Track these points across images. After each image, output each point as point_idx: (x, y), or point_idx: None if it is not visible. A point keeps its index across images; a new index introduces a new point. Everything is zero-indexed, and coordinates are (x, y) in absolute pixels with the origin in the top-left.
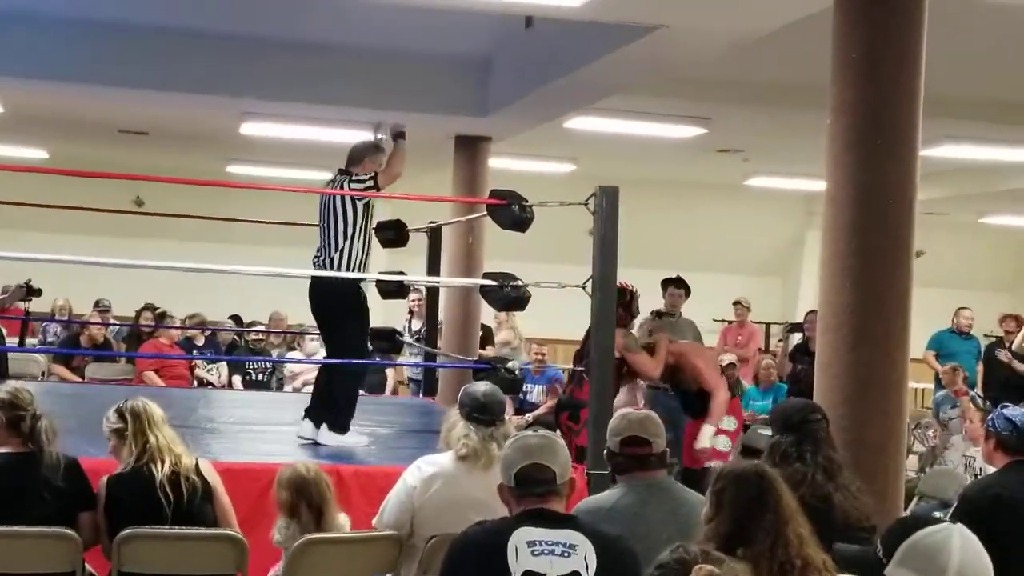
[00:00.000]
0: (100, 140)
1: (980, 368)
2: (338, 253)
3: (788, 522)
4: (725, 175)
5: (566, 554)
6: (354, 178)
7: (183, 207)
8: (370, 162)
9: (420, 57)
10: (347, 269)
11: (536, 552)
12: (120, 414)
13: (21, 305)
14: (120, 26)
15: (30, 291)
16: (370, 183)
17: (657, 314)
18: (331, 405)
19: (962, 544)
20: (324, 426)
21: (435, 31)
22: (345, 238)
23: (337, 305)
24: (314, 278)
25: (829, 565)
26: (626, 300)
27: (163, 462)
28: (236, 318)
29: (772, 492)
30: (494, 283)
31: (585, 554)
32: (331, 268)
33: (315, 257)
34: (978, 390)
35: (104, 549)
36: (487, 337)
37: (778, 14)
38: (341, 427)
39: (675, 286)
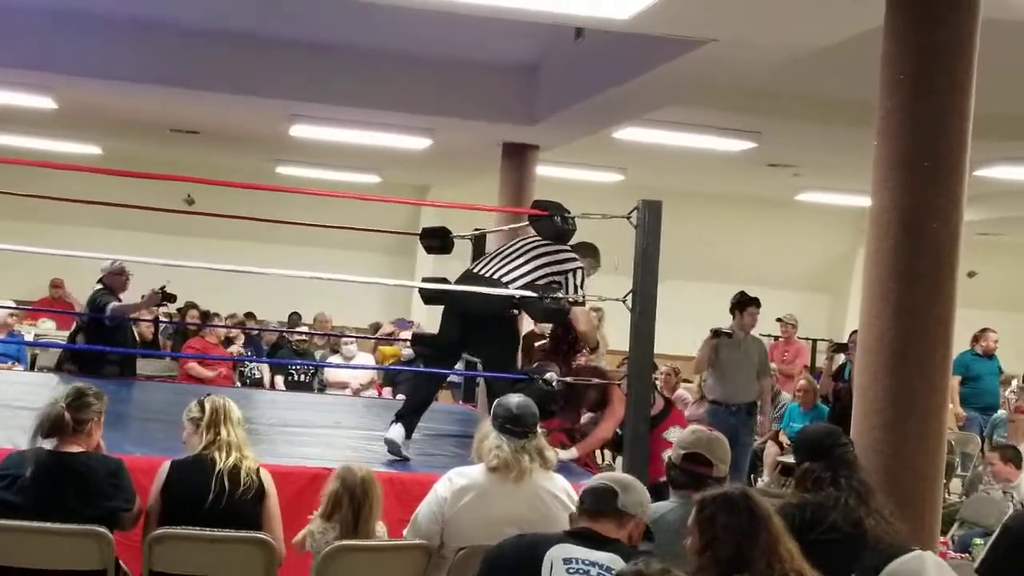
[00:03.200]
0: (152, 138)
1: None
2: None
3: (780, 539)
4: (775, 189)
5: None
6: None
7: (233, 206)
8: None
9: (469, 64)
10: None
11: (571, 570)
12: (201, 405)
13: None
14: (173, 27)
15: (165, 296)
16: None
17: (716, 333)
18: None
19: (937, 569)
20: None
21: (485, 39)
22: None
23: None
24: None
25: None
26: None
27: (227, 454)
28: (295, 315)
29: (761, 511)
30: (534, 295)
31: None
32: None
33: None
34: None
35: (145, 532)
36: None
37: (829, 31)
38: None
39: (756, 307)
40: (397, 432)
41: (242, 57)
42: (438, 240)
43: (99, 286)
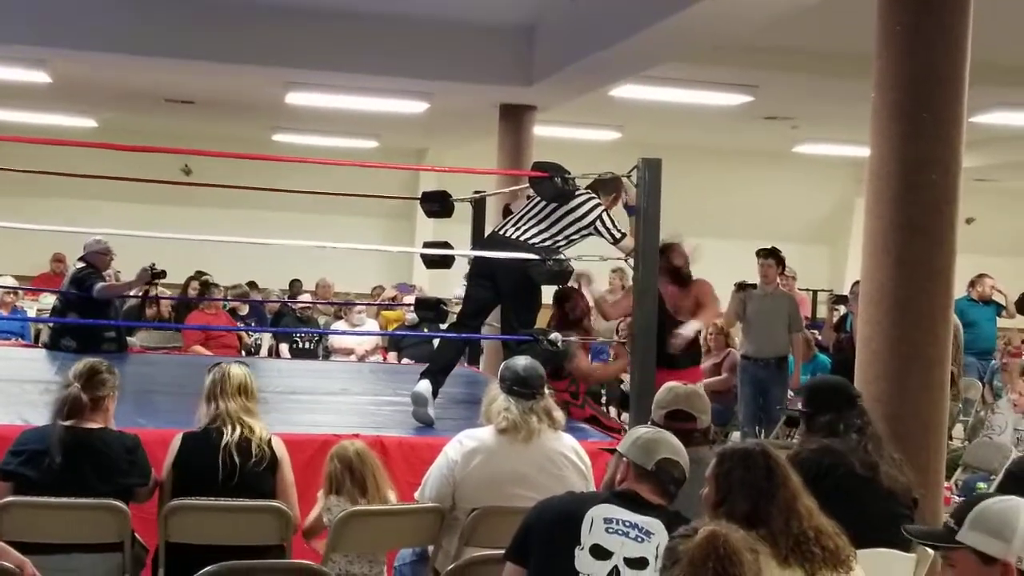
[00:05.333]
0: (147, 109)
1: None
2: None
3: (798, 496)
4: (773, 142)
5: (640, 539)
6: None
7: (230, 175)
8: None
9: (465, 27)
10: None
11: (610, 530)
12: (209, 375)
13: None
14: None
15: (154, 275)
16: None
17: (740, 286)
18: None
19: None
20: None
21: (480, 1)
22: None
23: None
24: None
25: (838, 531)
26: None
27: (232, 427)
28: (296, 283)
29: (780, 468)
30: (536, 257)
31: (658, 544)
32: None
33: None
34: None
35: (160, 504)
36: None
37: None
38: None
39: (764, 257)
40: (425, 386)
41: (236, 25)
42: (438, 204)
43: (81, 263)
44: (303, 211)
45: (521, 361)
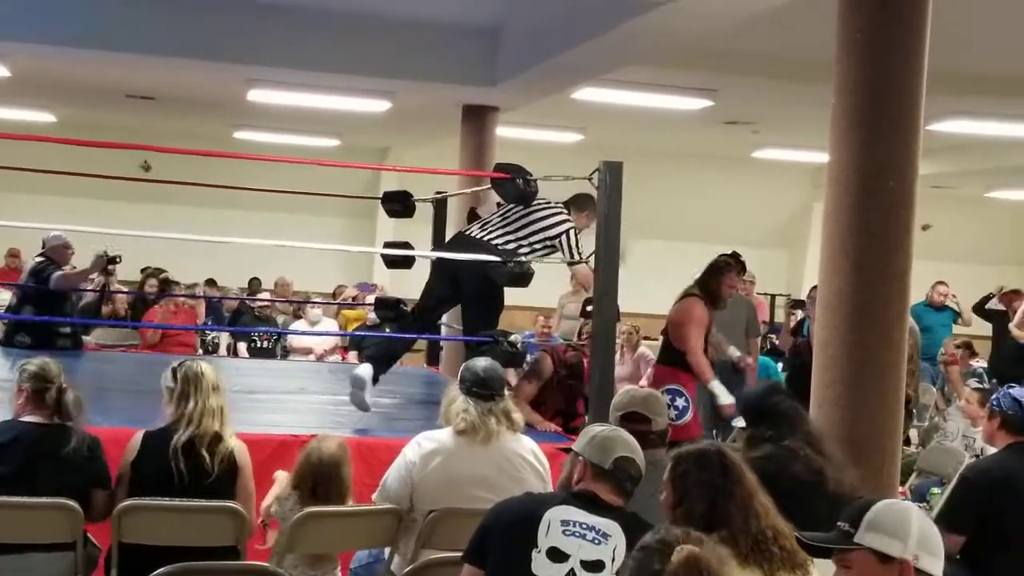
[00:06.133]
0: (107, 104)
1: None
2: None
3: (754, 494)
4: (733, 147)
5: (596, 541)
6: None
7: (191, 172)
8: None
9: (429, 26)
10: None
11: (568, 532)
12: (174, 375)
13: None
14: None
15: (109, 260)
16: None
17: None
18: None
19: (920, 513)
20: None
21: (444, 0)
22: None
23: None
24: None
25: (791, 531)
26: None
27: (199, 428)
28: (255, 281)
29: (735, 467)
30: (497, 259)
31: (615, 547)
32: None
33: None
34: (982, 363)
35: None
36: None
37: None
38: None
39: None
40: (366, 370)
41: (198, 21)
42: (400, 204)
43: (40, 258)
44: (263, 209)
45: (481, 362)
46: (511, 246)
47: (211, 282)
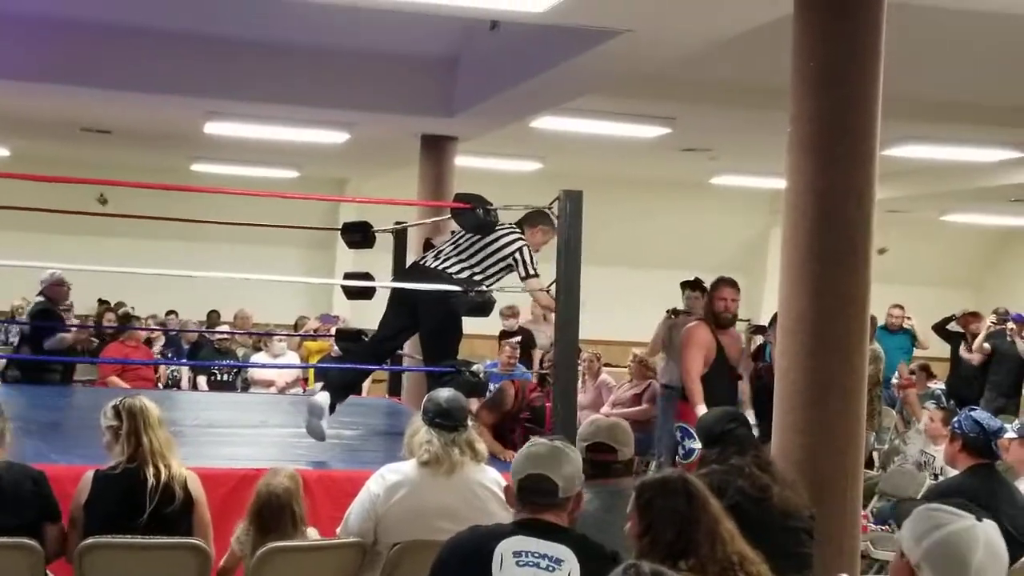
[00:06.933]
0: (62, 138)
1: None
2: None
3: (719, 521)
4: (690, 173)
5: (551, 568)
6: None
7: (148, 205)
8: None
9: (385, 57)
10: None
11: (521, 563)
12: (117, 412)
13: None
14: (81, 25)
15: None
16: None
17: (673, 312)
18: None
19: (985, 541)
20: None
21: (400, 32)
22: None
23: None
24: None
25: (759, 557)
26: None
27: (154, 466)
28: (214, 314)
29: (699, 493)
30: (458, 288)
31: (570, 571)
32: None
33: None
34: (940, 384)
35: (70, 548)
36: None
37: (743, 19)
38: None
39: (691, 289)
40: (323, 398)
41: (154, 54)
42: (360, 234)
43: (40, 298)
44: (221, 241)
45: (444, 393)
46: (465, 273)
47: (172, 313)
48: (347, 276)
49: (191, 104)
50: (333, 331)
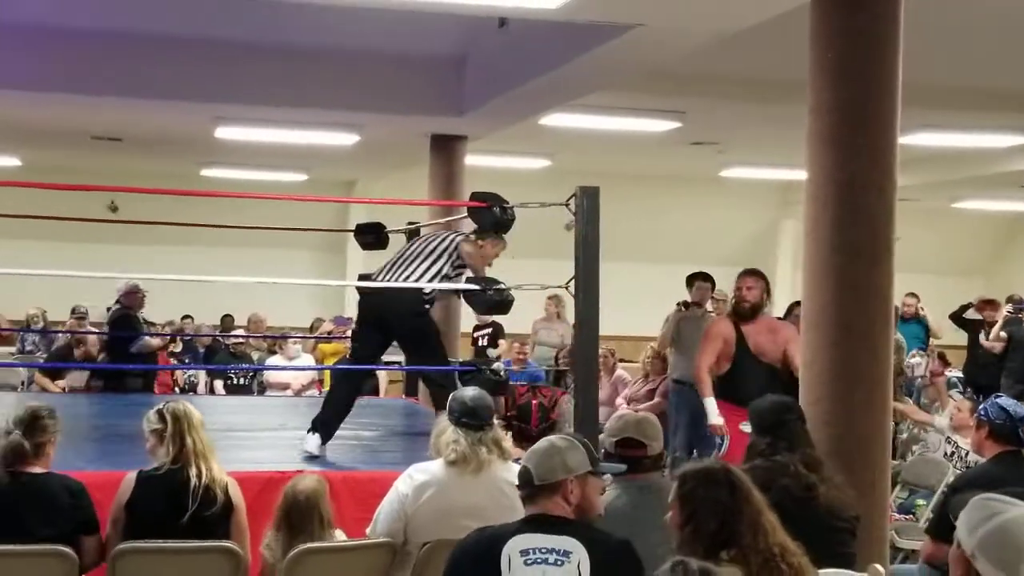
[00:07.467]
0: (73, 147)
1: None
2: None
3: (762, 512)
4: (700, 167)
5: (559, 562)
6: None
7: (158, 211)
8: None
9: (394, 58)
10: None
11: (529, 561)
12: (161, 415)
13: None
14: (89, 34)
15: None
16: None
17: (684, 305)
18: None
19: None
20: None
21: (409, 32)
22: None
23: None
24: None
25: (799, 548)
26: None
27: (196, 467)
28: (228, 318)
29: (743, 485)
30: (476, 287)
31: (579, 562)
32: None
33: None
34: (956, 372)
35: (109, 550)
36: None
37: (757, 10)
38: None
39: (702, 280)
40: (314, 444)
41: (163, 61)
42: (373, 236)
43: (116, 305)
44: (233, 246)
45: (469, 392)
46: (414, 277)
47: (187, 317)
48: (361, 278)
49: (200, 110)
50: (348, 333)
